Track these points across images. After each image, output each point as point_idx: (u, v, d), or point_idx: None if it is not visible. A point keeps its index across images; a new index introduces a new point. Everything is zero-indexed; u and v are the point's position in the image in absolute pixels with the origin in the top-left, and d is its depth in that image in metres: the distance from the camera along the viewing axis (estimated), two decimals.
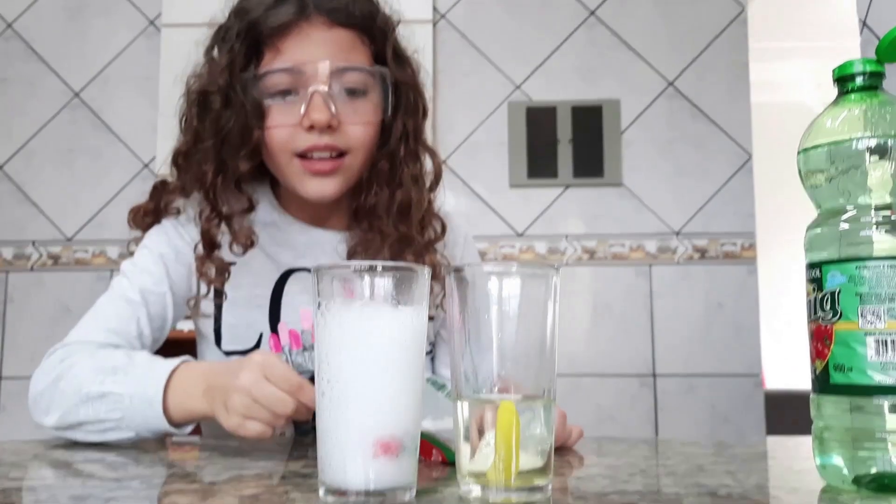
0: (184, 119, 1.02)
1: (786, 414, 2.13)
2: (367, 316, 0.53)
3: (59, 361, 0.90)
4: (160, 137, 2.51)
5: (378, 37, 0.99)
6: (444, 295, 0.96)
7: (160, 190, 1.06)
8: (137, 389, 0.83)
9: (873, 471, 0.54)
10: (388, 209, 1.01)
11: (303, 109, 0.93)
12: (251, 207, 1.00)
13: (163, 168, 1.08)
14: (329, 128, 0.93)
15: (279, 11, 0.93)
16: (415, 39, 1.07)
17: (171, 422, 0.82)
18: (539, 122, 2.54)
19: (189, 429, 0.86)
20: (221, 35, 1.00)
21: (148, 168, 2.58)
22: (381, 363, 0.53)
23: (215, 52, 1.00)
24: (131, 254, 1.04)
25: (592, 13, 2.58)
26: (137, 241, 1.05)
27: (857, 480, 0.55)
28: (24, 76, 2.64)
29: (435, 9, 2.60)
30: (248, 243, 0.99)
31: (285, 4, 0.94)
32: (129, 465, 0.72)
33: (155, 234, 1.04)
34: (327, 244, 1.07)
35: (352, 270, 0.55)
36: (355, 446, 0.52)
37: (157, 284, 0.99)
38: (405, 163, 1.02)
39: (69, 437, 0.87)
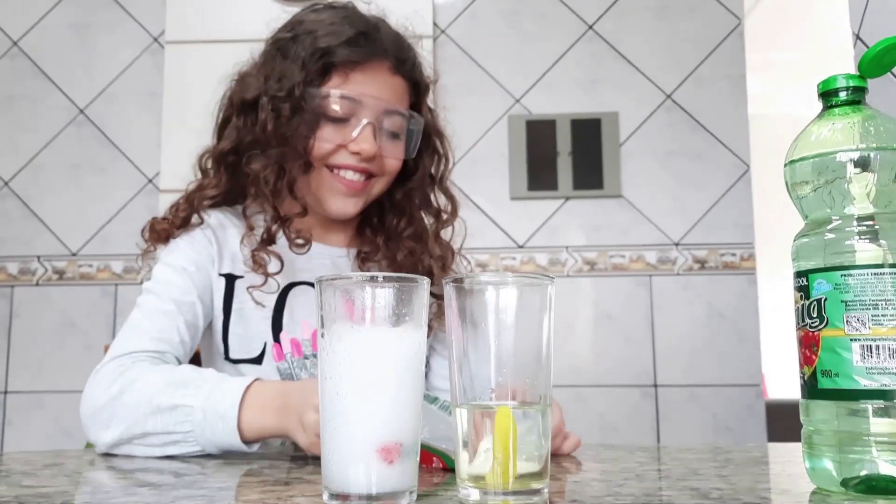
0: (227, 121, 1.08)
1: (787, 423, 2.13)
2: (369, 334, 0.55)
3: (118, 375, 0.90)
4: (164, 153, 2.53)
5: (421, 91, 1.12)
6: (438, 308, 1.01)
7: (196, 194, 1.09)
8: (210, 403, 0.83)
9: (861, 473, 0.56)
10: (412, 232, 1.13)
11: (354, 134, 1.03)
12: (305, 211, 1.07)
13: (166, 182, 1.12)
14: (371, 157, 1.04)
15: (357, 49, 1.04)
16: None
17: (242, 438, 0.82)
18: (539, 135, 2.56)
19: (257, 447, 0.86)
20: (282, 48, 1.06)
21: (152, 183, 2.60)
22: (382, 377, 0.55)
23: (271, 57, 1.07)
24: (142, 274, 1.07)
25: (591, 27, 2.61)
26: (147, 255, 1.08)
27: (845, 483, 0.56)
28: (29, 93, 2.67)
29: (435, 24, 2.63)
30: (305, 243, 1.07)
31: (364, 45, 1.04)
32: (137, 472, 0.74)
33: (172, 250, 1.06)
34: (328, 258, 1.11)
35: (354, 281, 0.57)
36: (358, 452, 0.54)
37: (186, 294, 1.02)
38: (430, 197, 1.16)
39: (126, 453, 0.86)
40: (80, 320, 2.53)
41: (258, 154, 1.03)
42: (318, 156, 1.04)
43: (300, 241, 1.06)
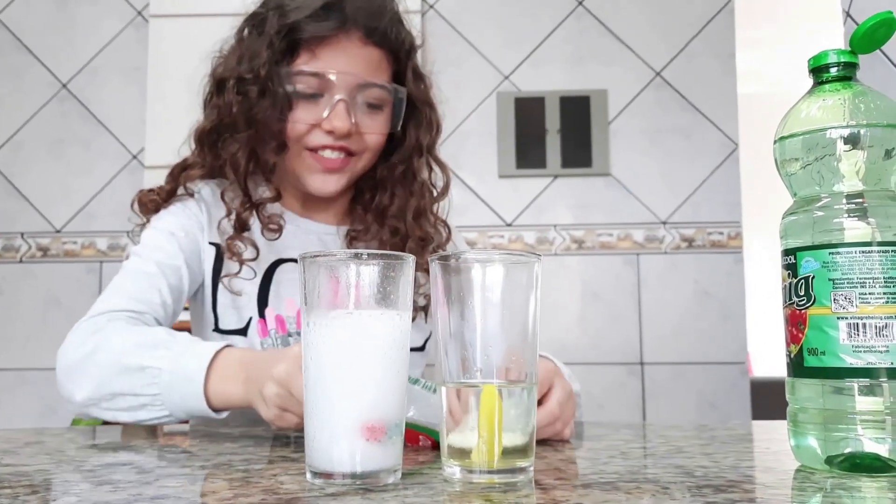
0: (209, 99, 1.06)
1: (771, 400, 2.15)
2: (353, 313, 0.54)
3: (91, 334, 0.89)
4: (149, 128, 2.50)
5: (402, 58, 1.06)
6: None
7: (179, 170, 1.08)
8: (178, 366, 0.82)
9: (846, 451, 0.56)
10: (401, 210, 1.08)
11: (326, 113, 1.00)
12: (279, 196, 1.06)
13: (151, 158, 1.10)
14: (346, 135, 1.00)
15: (322, 23, 0.99)
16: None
17: (209, 404, 0.81)
18: (527, 112, 2.55)
19: (225, 415, 0.84)
20: (256, 25, 1.03)
21: (137, 159, 2.58)
22: (366, 355, 0.54)
23: (245, 34, 1.04)
24: (135, 242, 1.06)
25: (580, 3, 2.59)
26: (141, 226, 1.07)
27: (829, 460, 0.56)
28: (11, 67, 2.63)
29: None
30: (278, 229, 1.05)
31: (330, 17, 0.99)
32: (121, 450, 0.73)
33: (163, 215, 1.06)
34: (315, 235, 1.10)
35: (338, 259, 0.56)
36: (342, 430, 0.53)
37: (172, 258, 1.01)
38: (418, 171, 1.10)
39: (97, 416, 0.86)
40: (65, 297, 2.51)
41: (230, 137, 1.02)
42: (293, 137, 1.02)
43: (273, 227, 1.04)
